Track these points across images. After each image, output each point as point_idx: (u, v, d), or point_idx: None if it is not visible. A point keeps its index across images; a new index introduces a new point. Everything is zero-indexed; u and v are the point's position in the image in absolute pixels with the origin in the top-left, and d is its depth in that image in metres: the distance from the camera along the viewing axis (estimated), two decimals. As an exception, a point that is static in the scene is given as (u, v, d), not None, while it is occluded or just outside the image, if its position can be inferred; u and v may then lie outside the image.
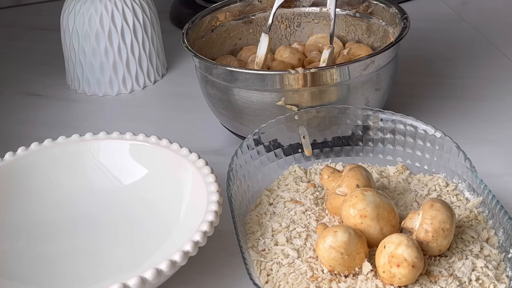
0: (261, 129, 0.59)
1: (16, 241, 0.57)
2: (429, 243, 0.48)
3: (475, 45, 0.86)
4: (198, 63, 0.67)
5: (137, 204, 0.60)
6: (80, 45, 0.79)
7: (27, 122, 0.77)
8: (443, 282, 0.47)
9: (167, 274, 0.49)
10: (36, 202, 0.60)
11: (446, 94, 0.76)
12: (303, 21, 0.76)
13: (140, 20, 0.79)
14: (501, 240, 0.50)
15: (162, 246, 0.55)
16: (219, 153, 0.69)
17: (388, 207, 0.50)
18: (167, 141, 0.60)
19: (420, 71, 0.81)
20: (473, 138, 0.68)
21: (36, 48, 0.93)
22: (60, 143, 0.62)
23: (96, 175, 0.62)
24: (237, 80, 0.63)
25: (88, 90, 0.81)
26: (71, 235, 0.59)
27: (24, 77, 0.86)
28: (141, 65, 0.81)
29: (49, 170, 0.61)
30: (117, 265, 0.55)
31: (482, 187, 0.53)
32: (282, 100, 0.62)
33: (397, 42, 0.64)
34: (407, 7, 0.71)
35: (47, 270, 0.55)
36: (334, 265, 0.48)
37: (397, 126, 0.59)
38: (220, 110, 0.67)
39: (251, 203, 0.57)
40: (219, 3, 0.75)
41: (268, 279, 0.49)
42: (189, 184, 0.58)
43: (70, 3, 0.79)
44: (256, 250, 0.52)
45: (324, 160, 0.61)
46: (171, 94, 0.81)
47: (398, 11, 0.69)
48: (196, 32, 0.71)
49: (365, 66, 0.62)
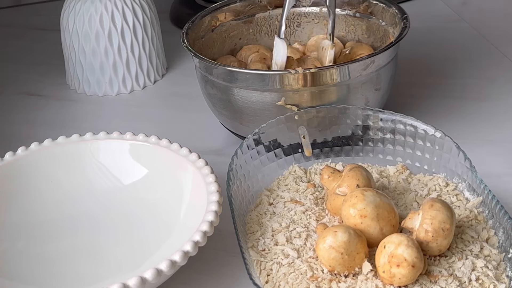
0: (261, 129, 0.59)
1: (16, 241, 0.57)
2: (429, 243, 0.48)
3: (475, 45, 0.86)
4: (198, 63, 0.67)
5: (137, 204, 0.60)
6: (80, 45, 0.79)
7: (27, 122, 0.77)
8: (443, 282, 0.47)
9: (167, 274, 0.49)
10: (36, 202, 0.60)
11: (446, 94, 0.76)
12: (303, 21, 0.76)
13: (140, 20, 0.79)
14: (501, 240, 0.50)
15: (162, 246, 0.55)
16: (219, 153, 0.69)
17: (388, 207, 0.50)
18: (167, 141, 0.60)
19: (420, 71, 0.81)
20: (473, 138, 0.68)
21: (36, 48, 0.93)
22: (60, 143, 0.62)
23: (96, 175, 0.62)
24: (237, 80, 0.63)
25: (88, 90, 0.81)
26: (71, 235, 0.59)
27: (23, 77, 0.86)
28: (141, 65, 0.81)
29: (49, 170, 0.61)
30: (117, 265, 0.55)
31: (482, 187, 0.53)
32: (282, 100, 0.62)
33: (397, 42, 0.64)
34: (407, 7, 0.71)
35: (47, 270, 0.55)
36: (334, 265, 0.48)
37: (397, 126, 0.59)
38: (220, 110, 0.67)
39: (251, 203, 0.57)
40: (219, 3, 0.75)
41: (268, 279, 0.49)
42: (189, 184, 0.58)
43: (70, 3, 0.79)
44: (256, 250, 0.52)
45: (324, 160, 0.61)
46: (171, 94, 0.81)
47: (398, 11, 0.69)
48: (196, 32, 0.71)
49: (365, 66, 0.62)
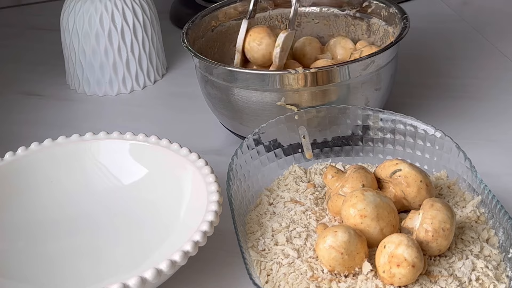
0: (261, 129, 0.59)
1: (16, 241, 0.57)
2: (429, 243, 0.48)
3: (475, 45, 0.86)
4: (198, 63, 0.67)
5: (137, 204, 0.60)
6: (80, 45, 0.79)
7: (27, 122, 0.77)
8: (443, 282, 0.47)
9: (167, 274, 0.49)
10: (36, 202, 0.60)
11: (446, 94, 0.76)
12: (303, 21, 0.76)
13: (140, 20, 0.79)
14: (501, 240, 0.50)
15: (162, 246, 0.55)
16: (219, 153, 0.69)
17: (388, 207, 0.50)
18: (167, 141, 0.60)
19: (420, 71, 0.81)
20: (473, 138, 0.68)
21: (36, 48, 0.93)
22: (60, 143, 0.62)
23: (96, 175, 0.62)
24: (237, 80, 0.63)
25: (88, 90, 0.81)
26: (71, 235, 0.59)
27: (24, 77, 0.86)
28: (141, 65, 0.81)
29: (49, 170, 0.61)
30: (117, 265, 0.55)
31: (482, 187, 0.53)
32: (282, 100, 0.62)
33: (397, 42, 0.64)
34: (407, 7, 0.71)
35: (47, 270, 0.55)
36: (334, 265, 0.48)
37: (397, 126, 0.59)
38: (220, 110, 0.67)
39: (251, 203, 0.57)
40: (219, 3, 0.75)
41: (268, 279, 0.49)
42: (189, 184, 0.58)
43: (70, 3, 0.79)
44: (256, 250, 0.52)
45: (324, 160, 0.61)
46: (171, 94, 0.81)
47: (398, 11, 0.69)
48: (196, 32, 0.71)
49: (365, 66, 0.62)
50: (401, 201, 0.52)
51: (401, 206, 0.53)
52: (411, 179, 0.51)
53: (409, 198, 0.52)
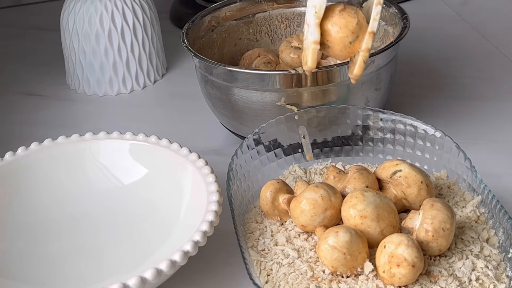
0: (261, 129, 0.59)
1: (16, 241, 0.57)
2: (429, 243, 0.48)
3: (475, 45, 0.86)
4: (198, 63, 0.67)
5: (137, 204, 0.60)
6: (80, 45, 0.79)
7: (27, 122, 0.77)
8: (443, 282, 0.47)
9: (167, 274, 0.49)
10: (36, 202, 0.60)
11: (446, 94, 0.76)
12: (303, 21, 0.76)
13: (140, 20, 0.79)
14: (501, 240, 0.50)
15: (162, 246, 0.55)
16: (219, 153, 0.69)
17: (388, 207, 0.50)
18: (167, 141, 0.60)
19: (420, 71, 0.81)
20: (473, 138, 0.68)
21: (36, 48, 0.93)
22: (60, 143, 0.62)
23: (96, 175, 0.62)
24: (237, 80, 0.63)
25: (88, 90, 0.81)
26: (71, 235, 0.59)
27: (24, 77, 0.86)
28: (141, 65, 0.81)
29: (49, 170, 0.61)
30: (117, 265, 0.55)
31: (482, 187, 0.53)
32: (282, 100, 0.62)
33: (397, 42, 0.64)
34: (407, 7, 0.71)
35: (47, 270, 0.55)
36: (337, 266, 0.47)
37: (397, 126, 0.59)
38: (220, 110, 0.67)
39: (251, 203, 0.57)
40: (219, 3, 0.75)
41: (268, 279, 0.49)
42: (189, 184, 0.58)
43: (70, 3, 0.79)
44: (256, 250, 0.52)
45: (324, 160, 0.61)
46: (171, 94, 0.81)
47: (398, 11, 0.69)
48: (196, 32, 0.71)
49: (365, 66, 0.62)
50: (401, 202, 0.52)
51: (402, 206, 0.53)
52: (411, 180, 0.51)
53: (410, 199, 0.52)
